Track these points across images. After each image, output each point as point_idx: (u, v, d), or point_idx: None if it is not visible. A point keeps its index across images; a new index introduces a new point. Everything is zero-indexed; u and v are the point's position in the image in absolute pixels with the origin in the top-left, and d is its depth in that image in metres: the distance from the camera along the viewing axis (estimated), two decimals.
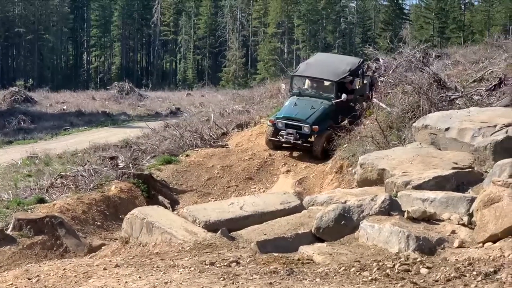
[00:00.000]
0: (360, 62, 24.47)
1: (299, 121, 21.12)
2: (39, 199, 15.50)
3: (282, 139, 21.26)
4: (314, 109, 21.51)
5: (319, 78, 23.04)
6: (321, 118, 21.33)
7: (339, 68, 23.11)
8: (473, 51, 32.64)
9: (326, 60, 25.77)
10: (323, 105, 21.81)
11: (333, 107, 21.84)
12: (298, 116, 21.30)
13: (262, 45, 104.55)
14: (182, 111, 43.97)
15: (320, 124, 21.09)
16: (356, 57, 26.55)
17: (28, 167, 21.80)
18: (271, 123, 21.73)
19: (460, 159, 11.69)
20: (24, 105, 47.30)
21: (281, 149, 21.87)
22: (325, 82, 22.81)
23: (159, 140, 25.57)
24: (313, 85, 23.05)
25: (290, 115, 21.46)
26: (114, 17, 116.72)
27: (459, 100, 17.65)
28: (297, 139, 20.99)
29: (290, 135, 21.05)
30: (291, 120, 21.24)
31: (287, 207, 10.58)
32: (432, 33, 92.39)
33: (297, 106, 21.87)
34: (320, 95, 22.34)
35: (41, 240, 12.91)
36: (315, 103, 21.89)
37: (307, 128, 20.91)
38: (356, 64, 23.72)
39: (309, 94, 22.59)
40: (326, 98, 22.08)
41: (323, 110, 21.62)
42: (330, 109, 21.79)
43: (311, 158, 20.91)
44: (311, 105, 21.75)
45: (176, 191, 19.21)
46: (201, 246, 8.80)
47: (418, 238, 8.09)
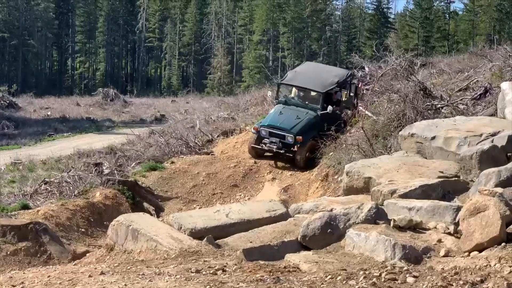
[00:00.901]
0: (348, 74, 24.32)
1: (283, 130, 21.09)
2: (23, 205, 15.41)
3: (265, 147, 21.26)
4: (299, 119, 21.50)
5: (306, 88, 23.02)
6: (305, 129, 21.31)
7: (327, 79, 23.01)
8: (458, 60, 32.84)
9: (314, 70, 25.75)
10: (308, 115, 21.80)
11: (318, 118, 21.79)
12: (282, 125, 21.26)
13: (247, 53, 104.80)
14: (167, 117, 43.90)
15: (304, 134, 21.06)
16: (345, 69, 26.52)
17: (11, 173, 21.72)
18: (255, 130, 21.68)
19: (446, 168, 11.71)
20: (8, 111, 47.08)
21: (263, 158, 21.81)
22: (312, 92, 22.79)
23: (144, 147, 25.54)
24: (299, 94, 23.06)
25: (275, 123, 21.41)
26: (99, 23, 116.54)
27: (445, 109, 17.71)
28: (279, 148, 20.99)
29: (273, 144, 21.03)
30: (276, 128, 21.20)
31: (273, 215, 10.56)
32: (417, 42, 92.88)
33: (282, 115, 21.82)
34: (306, 105, 22.34)
35: (25, 247, 12.83)
36: (300, 113, 21.87)
37: (291, 138, 20.90)
38: (344, 76, 23.59)
39: (295, 103, 22.56)
40: (312, 108, 22.09)
41: (308, 120, 21.61)
42: (315, 120, 21.75)
43: (296, 167, 20.92)
44: (296, 115, 21.72)
45: (161, 198, 19.17)
46: (187, 253, 8.76)
47: (404, 247, 8.08)
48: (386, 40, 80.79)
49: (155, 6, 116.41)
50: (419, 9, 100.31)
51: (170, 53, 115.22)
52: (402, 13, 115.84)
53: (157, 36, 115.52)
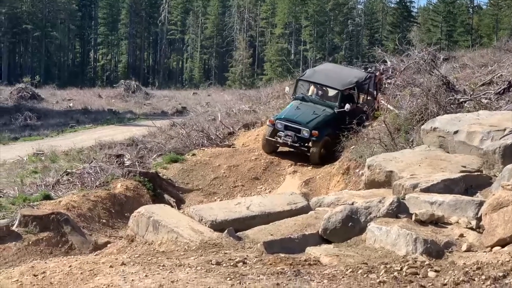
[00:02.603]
0: (368, 76, 24.04)
1: (299, 124, 20.95)
2: (45, 195, 15.49)
3: (280, 140, 21.10)
4: (316, 115, 21.40)
5: (324, 85, 22.91)
6: (321, 125, 21.16)
7: (346, 78, 22.91)
8: (481, 55, 32.58)
9: (334, 69, 25.59)
10: (325, 112, 21.68)
11: (335, 115, 21.61)
12: (299, 119, 21.13)
13: (269, 46, 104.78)
14: (188, 110, 43.95)
15: (320, 130, 20.91)
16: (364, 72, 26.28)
17: (34, 163, 21.81)
18: (271, 123, 21.54)
19: (469, 163, 11.62)
20: (30, 102, 47.33)
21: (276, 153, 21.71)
22: (329, 90, 22.69)
23: (166, 139, 25.58)
24: (317, 92, 22.88)
25: (291, 117, 21.31)
26: (121, 15, 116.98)
27: (468, 103, 17.56)
28: (294, 142, 20.85)
29: (288, 137, 20.88)
30: (292, 122, 21.08)
31: (294, 207, 10.53)
32: (439, 36, 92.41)
33: (299, 110, 21.76)
34: (323, 102, 22.26)
35: (47, 237, 12.89)
36: (317, 109, 21.78)
37: (307, 132, 20.74)
38: (363, 78, 23.41)
39: (312, 100, 22.44)
40: (329, 106, 21.96)
41: (324, 116, 21.48)
42: (331, 117, 21.57)
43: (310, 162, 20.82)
44: (313, 111, 21.63)
45: (182, 190, 19.19)
46: (208, 245, 8.76)
47: (426, 241, 8.03)
48: (408, 34, 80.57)
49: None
50: (442, 3, 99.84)
51: (192, 46, 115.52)
52: (425, 7, 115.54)
53: (179, 29, 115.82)
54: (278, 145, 21.56)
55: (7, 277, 7.65)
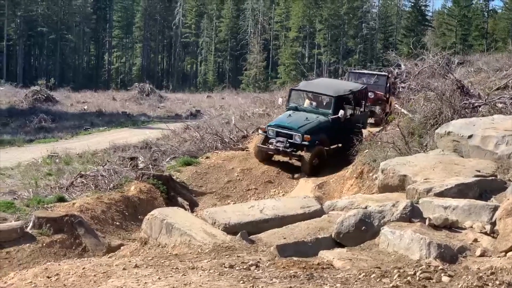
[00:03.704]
0: (363, 88, 24.02)
1: (291, 130, 20.71)
2: (59, 198, 15.53)
3: (271, 147, 20.76)
4: (308, 121, 21.16)
5: (317, 92, 22.68)
6: (314, 130, 20.89)
7: (340, 87, 22.95)
8: (496, 59, 32.50)
9: (329, 81, 26.24)
10: (318, 118, 21.46)
11: (328, 122, 21.43)
12: (290, 125, 20.90)
13: (283, 49, 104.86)
14: (202, 113, 44.01)
15: (313, 135, 20.61)
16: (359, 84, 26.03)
17: (48, 166, 21.85)
18: (262, 131, 21.40)
19: (483, 167, 11.57)
20: (45, 104, 47.50)
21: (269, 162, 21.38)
22: (324, 100, 22.42)
23: (179, 142, 25.63)
24: (312, 103, 22.60)
25: (283, 123, 21.12)
26: (136, 19, 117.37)
27: (483, 108, 17.50)
28: (286, 147, 20.50)
29: (279, 143, 20.56)
30: (283, 128, 20.84)
31: (307, 211, 10.52)
32: (454, 40, 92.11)
33: (291, 117, 21.56)
34: (317, 111, 22.00)
35: (60, 239, 12.93)
36: (310, 116, 21.55)
37: (299, 137, 20.47)
38: (358, 88, 23.34)
39: (305, 110, 22.20)
40: (323, 113, 21.72)
41: (317, 122, 21.25)
42: (325, 124, 21.38)
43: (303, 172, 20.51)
44: (305, 117, 21.40)
45: (196, 193, 19.22)
46: (221, 248, 8.76)
47: (439, 245, 8.00)
48: (423, 38, 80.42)
49: (192, 2, 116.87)
50: (457, 7, 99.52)
51: (206, 49, 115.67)
52: (440, 11, 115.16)
53: (194, 32, 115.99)
54: (271, 152, 21.13)
55: (21, 278, 7.69)
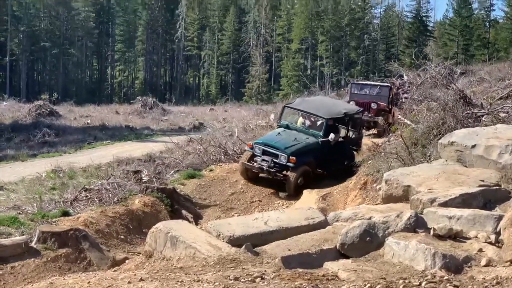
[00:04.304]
0: (359, 110, 23.52)
1: (277, 149, 20.15)
2: (63, 212, 15.54)
3: (256, 165, 20.29)
4: (296, 141, 20.56)
5: (309, 112, 22.08)
6: (301, 152, 20.31)
7: (334, 109, 22.24)
8: (498, 69, 32.56)
9: (324, 100, 25.36)
10: (307, 140, 20.89)
11: (317, 145, 20.87)
12: (277, 144, 20.33)
13: (285, 61, 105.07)
14: (205, 126, 43.98)
15: (299, 157, 20.04)
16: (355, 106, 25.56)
17: (52, 180, 21.86)
18: (249, 147, 20.93)
19: (487, 177, 11.56)
20: (48, 119, 47.53)
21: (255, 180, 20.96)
22: (318, 121, 21.85)
23: (183, 155, 25.63)
24: (305, 123, 22.17)
25: (270, 142, 20.58)
26: (138, 32, 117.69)
27: (485, 117, 17.51)
28: (270, 167, 20.00)
29: (264, 162, 20.09)
30: (270, 147, 20.32)
31: (311, 222, 10.52)
32: (456, 50, 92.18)
33: (280, 136, 21.03)
34: (307, 131, 21.46)
35: (65, 253, 12.91)
36: (299, 136, 20.98)
37: (284, 157, 19.91)
38: (353, 111, 22.83)
39: (296, 129, 21.73)
40: (313, 135, 21.15)
41: (306, 144, 20.68)
42: (314, 146, 20.81)
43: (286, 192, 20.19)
44: (295, 137, 20.83)
45: (200, 205, 19.21)
46: (225, 261, 8.76)
47: (444, 255, 8.00)
48: (425, 48, 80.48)
49: (193, 15, 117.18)
50: (458, 17, 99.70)
51: (209, 62, 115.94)
52: (441, 21, 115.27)
53: (196, 45, 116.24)
54: (255, 170, 20.65)
55: None
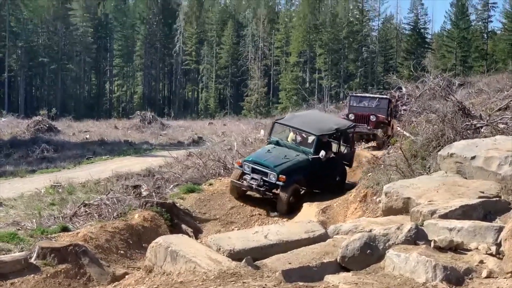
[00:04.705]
0: (351, 125, 23.34)
1: (267, 168, 19.75)
2: (62, 227, 15.49)
3: (245, 183, 19.94)
4: (287, 159, 20.19)
5: (300, 129, 21.70)
6: (291, 170, 19.91)
7: (325, 125, 21.88)
8: (496, 80, 32.63)
9: (314, 115, 24.90)
10: (298, 157, 20.52)
11: (308, 162, 20.50)
12: (266, 162, 19.93)
13: (284, 74, 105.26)
14: (204, 140, 43.97)
15: (289, 175, 19.66)
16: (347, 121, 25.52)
17: (51, 195, 21.81)
18: (238, 165, 20.62)
19: (487, 188, 11.56)
20: (47, 134, 47.48)
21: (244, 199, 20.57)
22: (309, 137, 21.48)
23: (182, 169, 25.60)
24: (296, 139, 21.88)
25: (259, 160, 20.18)
26: (136, 47, 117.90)
27: (485, 129, 17.52)
28: (260, 186, 19.63)
29: (253, 180, 19.73)
30: (259, 165, 19.93)
31: (311, 236, 10.52)
32: (454, 62, 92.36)
33: (269, 153, 20.64)
34: (298, 148, 21.09)
35: (65, 269, 12.87)
36: (290, 154, 20.61)
37: (274, 176, 19.52)
38: (345, 126, 22.61)
39: (287, 145, 21.35)
40: (304, 152, 20.77)
41: (296, 162, 20.30)
42: (304, 163, 20.43)
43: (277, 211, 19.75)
44: (285, 155, 20.46)
45: (199, 219, 19.17)
46: (226, 275, 8.74)
47: (445, 268, 7.98)
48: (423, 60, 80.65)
49: (191, 29, 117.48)
50: (456, 29, 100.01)
51: (207, 76, 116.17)
52: (439, 33, 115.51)
53: (194, 59, 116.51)
54: (244, 188, 20.29)
55: None
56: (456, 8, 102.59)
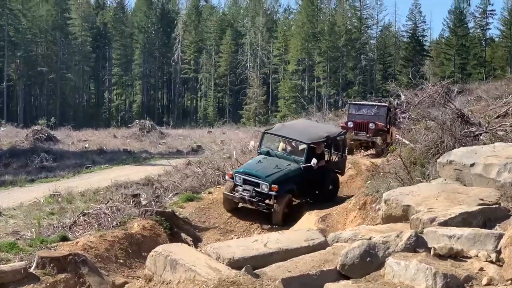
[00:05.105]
0: (341, 132, 23.15)
1: (259, 178, 19.50)
2: (62, 237, 15.47)
3: (237, 195, 19.70)
4: (278, 169, 19.95)
5: (290, 138, 21.53)
6: (283, 179, 19.64)
7: (315, 133, 21.72)
8: (495, 87, 32.67)
9: (304, 124, 24.56)
10: (289, 167, 20.27)
11: (300, 171, 20.29)
12: (258, 173, 19.69)
13: (282, 82, 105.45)
14: (203, 148, 44.03)
15: (281, 185, 19.38)
16: (338, 128, 25.38)
17: (51, 205, 21.81)
18: (229, 177, 20.33)
19: (486, 195, 11.54)
20: (46, 144, 47.47)
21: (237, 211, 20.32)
22: (299, 146, 21.40)
23: (181, 178, 25.61)
24: (286, 148, 21.68)
25: (250, 170, 19.94)
26: (135, 56, 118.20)
27: (484, 136, 17.54)
28: (252, 197, 19.39)
29: (246, 192, 19.48)
30: (250, 175, 19.70)
31: (311, 244, 10.49)
32: (453, 69, 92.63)
33: (260, 164, 20.40)
34: (289, 157, 20.85)
35: (64, 278, 12.84)
36: (281, 163, 20.35)
37: (266, 186, 19.25)
38: (335, 134, 22.45)
39: (278, 155, 21.11)
40: (295, 161, 20.59)
41: (288, 171, 20.05)
42: (296, 172, 20.21)
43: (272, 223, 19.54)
44: (276, 165, 20.21)
45: (199, 228, 19.15)
46: (226, 283, 8.72)
47: (445, 275, 7.96)
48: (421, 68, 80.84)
49: (190, 38, 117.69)
50: (454, 37, 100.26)
51: (206, 84, 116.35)
52: (438, 41, 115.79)
53: (193, 68, 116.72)
54: (236, 200, 20.08)
55: None
56: (454, 16, 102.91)
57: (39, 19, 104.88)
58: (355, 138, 30.43)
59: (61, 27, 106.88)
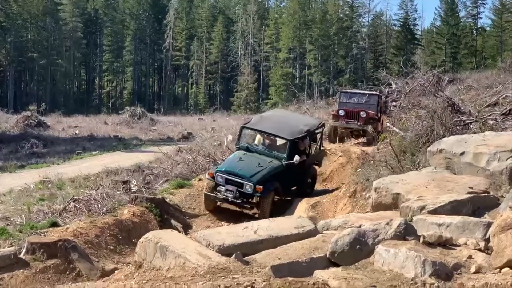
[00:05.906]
0: (320, 124, 22.82)
1: (242, 178, 18.86)
2: (52, 223, 15.45)
3: (220, 195, 19.08)
4: (261, 167, 19.35)
5: (271, 133, 20.96)
6: (267, 178, 19.10)
7: (296, 126, 21.18)
8: (486, 76, 32.74)
9: (282, 116, 23.86)
10: (271, 164, 19.72)
11: (282, 168, 19.82)
12: (241, 172, 19.03)
13: (274, 70, 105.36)
14: (194, 135, 43.98)
15: (265, 184, 18.86)
16: (316, 119, 24.99)
17: (41, 191, 21.74)
18: (210, 176, 19.53)
19: (476, 184, 11.58)
20: (36, 130, 47.32)
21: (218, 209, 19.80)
22: (278, 140, 20.84)
23: (172, 165, 25.56)
24: (264, 142, 21.06)
25: (233, 170, 19.17)
26: (126, 42, 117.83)
27: (474, 125, 17.60)
28: (236, 198, 18.81)
29: (229, 192, 18.83)
30: (233, 175, 19.01)
31: (301, 231, 10.50)
32: (444, 58, 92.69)
33: (242, 161, 19.71)
34: (270, 153, 20.34)
35: (54, 264, 12.84)
36: (263, 161, 19.80)
37: (250, 187, 18.68)
38: (315, 126, 22.05)
39: (258, 151, 20.54)
40: (277, 157, 20.09)
41: (270, 169, 19.47)
42: (279, 170, 19.71)
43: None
44: (258, 163, 19.61)
45: (189, 215, 19.15)
46: (215, 270, 8.73)
47: (434, 263, 7.98)
48: (412, 56, 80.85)
49: (181, 25, 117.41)
50: (446, 26, 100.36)
51: (197, 72, 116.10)
52: (429, 30, 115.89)
53: (184, 55, 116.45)
54: (219, 201, 19.53)
55: None
56: (445, 5, 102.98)
57: (29, 4, 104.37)
58: (346, 126, 30.48)
59: (52, 13, 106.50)
